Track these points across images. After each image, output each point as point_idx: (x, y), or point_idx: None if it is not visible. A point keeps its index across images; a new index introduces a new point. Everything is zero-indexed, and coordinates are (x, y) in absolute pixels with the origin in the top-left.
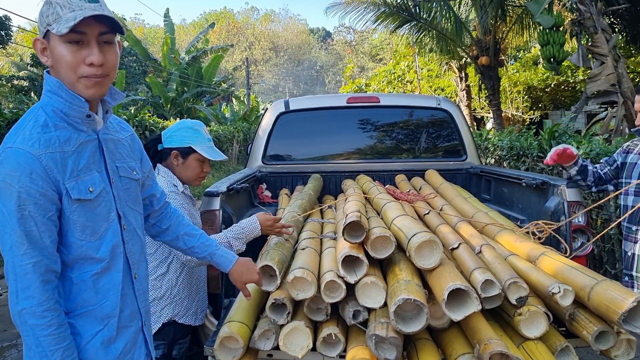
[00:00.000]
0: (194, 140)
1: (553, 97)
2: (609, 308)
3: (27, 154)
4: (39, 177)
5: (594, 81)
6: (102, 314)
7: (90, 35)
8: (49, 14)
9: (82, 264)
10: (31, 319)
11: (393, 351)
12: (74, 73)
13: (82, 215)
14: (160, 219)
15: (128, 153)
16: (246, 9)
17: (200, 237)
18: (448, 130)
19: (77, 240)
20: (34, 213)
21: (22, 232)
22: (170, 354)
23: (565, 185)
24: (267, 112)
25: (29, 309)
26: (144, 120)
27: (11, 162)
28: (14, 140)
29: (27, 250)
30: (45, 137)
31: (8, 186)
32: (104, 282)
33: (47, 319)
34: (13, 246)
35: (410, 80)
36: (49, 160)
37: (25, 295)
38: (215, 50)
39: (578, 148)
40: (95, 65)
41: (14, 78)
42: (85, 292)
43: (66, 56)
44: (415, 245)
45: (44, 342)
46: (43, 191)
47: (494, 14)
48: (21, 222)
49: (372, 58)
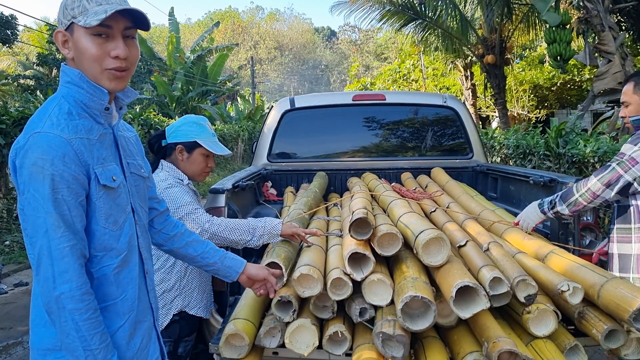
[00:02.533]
0: (199, 135)
1: (559, 95)
2: (619, 306)
3: (58, 138)
4: (72, 160)
5: (601, 79)
6: (124, 308)
7: (116, 29)
8: (74, 6)
9: (101, 257)
10: (70, 303)
11: (400, 349)
12: (98, 65)
13: (106, 203)
14: (166, 225)
15: (136, 151)
16: (251, 8)
17: (208, 243)
18: (454, 128)
19: (101, 228)
20: (67, 197)
21: (58, 215)
22: (176, 351)
23: (573, 182)
24: (272, 110)
25: (68, 292)
26: (149, 119)
27: (42, 145)
28: (41, 125)
29: (65, 234)
30: (72, 124)
31: (40, 169)
32: (124, 276)
33: (86, 302)
34: (49, 230)
35: (415, 79)
36: (79, 145)
37: (63, 279)
38: (220, 49)
39: (585, 146)
40: (120, 58)
41: (20, 77)
42: (107, 286)
43: (91, 48)
44: (423, 242)
45: (83, 326)
46: (75, 175)
47: (500, 12)
48: (56, 205)
49: (378, 57)
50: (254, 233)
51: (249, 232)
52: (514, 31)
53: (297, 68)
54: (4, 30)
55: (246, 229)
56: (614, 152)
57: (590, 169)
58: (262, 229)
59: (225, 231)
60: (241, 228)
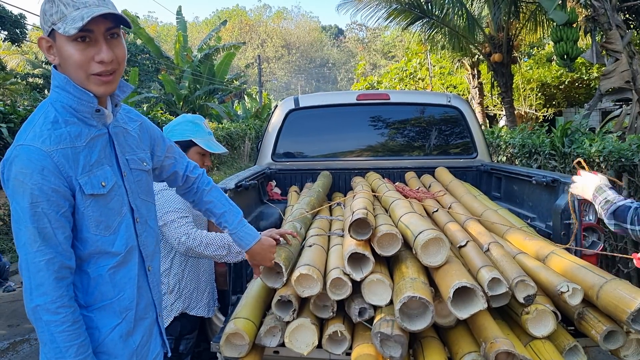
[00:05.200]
0: (195, 134)
1: (567, 94)
2: (617, 307)
3: (38, 151)
4: (51, 173)
5: (608, 78)
6: (120, 307)
7: (97, 33)
8: (52, 12)
9: (98, 258)
10: (45, 315)
11: (398, 349)
12: (84, 72)
13: (96, 210)
14: (186, 193)
15: (137, 144)
16: (258, 6)
17: (221, 216)
18: (458, 128)
19: (92, 235)
20: (47, 210)
21: (35, 229)
22: (177, 349)
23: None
24: (276, 110)
25: (43, 305)
26: (156, 118)
27: (23, 159)
28: (24, 137)
29: (40, 247)
30: (55, 134)
31: (21, 184)
32: (121, 276)
33: (61, 315)
34: (26, 243)
35: (422, 78)
36: (60, 157)
37: (39, 292)
38: (227, 47)
39: (591, 146)
40: (105, 62)
41: (29, 76)
42: (102, 286)
43: (74, 55)
44: (422, 242)
45: (58, 338)
46: (55, 187)
47: (507, 11)
48: (34, 219)
49: (385, 55)
50: (230, 249)
51: (225, 248)
52: (521, 29)
53: (304, 66)
54: (13, 29)
55: (222, 244)
56: (619, 152)
57: (595, 168)
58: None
59: (200, 246)
60: (217, 243)
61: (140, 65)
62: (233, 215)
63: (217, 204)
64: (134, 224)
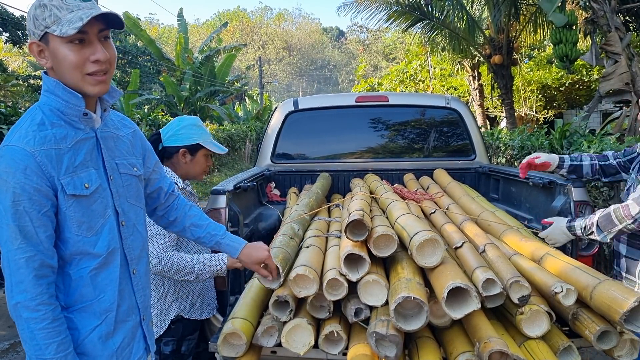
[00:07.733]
0: (201, 137)
1: (567, 96)
2: (610, 307)
3: (21, 151)
4: (33, 172)
5: (607, 80)
6: (100, 309)
7: (92, 34)
8: (45, 16)
9: (79, 259)
10: (25, 312)
11: (393, 349)
12: (79, 72)
13: (77, 211)
14: (167, 211)
15: (129, 150)
16: (259, 8)
17: (207, 227)
18: (457, 130)
19: (74, 236)
20: (29, 208)
21: (16, 227)
22: (180, 350)
23: (571, 184)
24: (276, 111)
25: (23, 302)
26: (157, 119)
27: (7, 159)
28: (10, 138)
29: (21, 245)
30: (40, 135)
31: (4, 182)
32: (102, 278)
33: (41, 312)
34: (7, 241)
35: (422, 80)
36: (43, 157)
37: (19, 289)
38: (228, 49)
39: (589, 147)
40: (101, 62)
41: (31, 77)
42: (83, 288)
43: (70, 56)
44: (417, 243)
45: (38, 335)
46: (37, 187)
47: (507, 12)
48: (15, 217)
49: (386, 57)
50: (197, 277)
51: (191, 274)
52: (521, 31)
53: (305, 68)
54: (14, 31)
55: (188, 270)
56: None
57: None
58: (205, 272)
59: (170, 272)
60: (184, 270)
61: (142, 67)
62: (218, 226)
63: (201, 217)
64: (119, 227)
